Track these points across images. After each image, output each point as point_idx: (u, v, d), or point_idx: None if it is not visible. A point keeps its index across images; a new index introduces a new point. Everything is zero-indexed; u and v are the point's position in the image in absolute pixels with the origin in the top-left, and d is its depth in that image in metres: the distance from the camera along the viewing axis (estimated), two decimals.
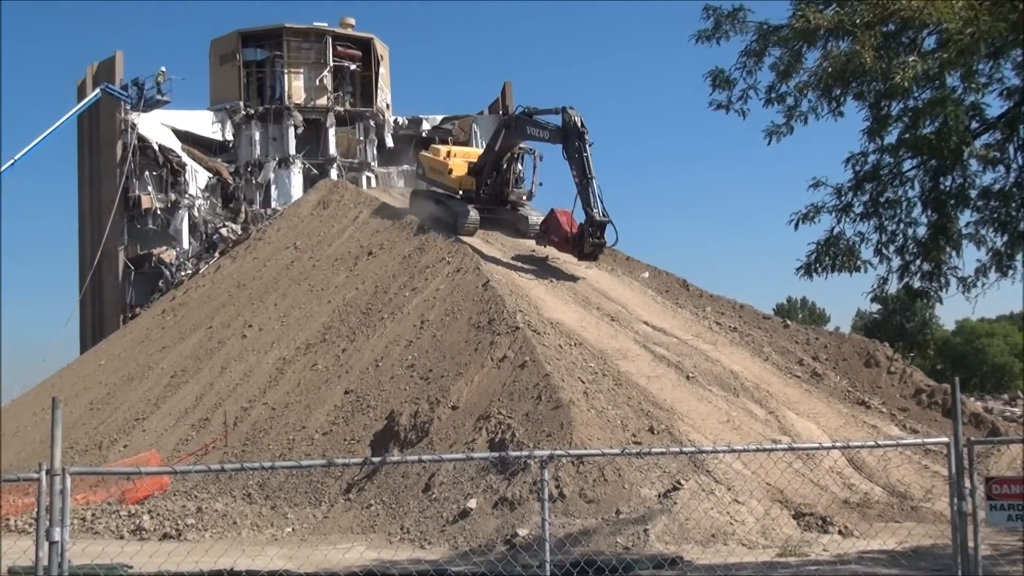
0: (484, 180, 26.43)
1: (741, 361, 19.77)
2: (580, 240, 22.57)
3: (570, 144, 22.28)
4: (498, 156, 25.90)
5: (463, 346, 18.84)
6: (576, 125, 22.30)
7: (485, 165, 26.31)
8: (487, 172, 26.33)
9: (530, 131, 24.10)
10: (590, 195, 21.95)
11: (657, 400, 16.64)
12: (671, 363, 18.57)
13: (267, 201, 39.40)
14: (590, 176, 21.93)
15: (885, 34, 9.86)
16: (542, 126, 23.60)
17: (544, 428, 14.87)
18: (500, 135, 25.41)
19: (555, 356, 17.27)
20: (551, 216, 24.24)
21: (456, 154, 27.86)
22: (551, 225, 24.09)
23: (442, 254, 24.18)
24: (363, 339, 21.53)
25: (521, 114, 24.54)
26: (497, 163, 26.14)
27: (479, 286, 21.20)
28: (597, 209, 22.04)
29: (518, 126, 24.55)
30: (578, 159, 22.08)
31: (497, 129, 25.93)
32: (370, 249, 27.07)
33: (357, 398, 18.95)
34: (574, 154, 22.18)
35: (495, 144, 25.79)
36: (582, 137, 22.15)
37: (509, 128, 25.02)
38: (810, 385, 19.35)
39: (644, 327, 20.88)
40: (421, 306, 21.71)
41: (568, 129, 22.44)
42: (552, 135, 23.16)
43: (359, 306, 23.42)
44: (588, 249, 22.60)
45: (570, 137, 22.32)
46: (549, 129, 23.31)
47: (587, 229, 22.23)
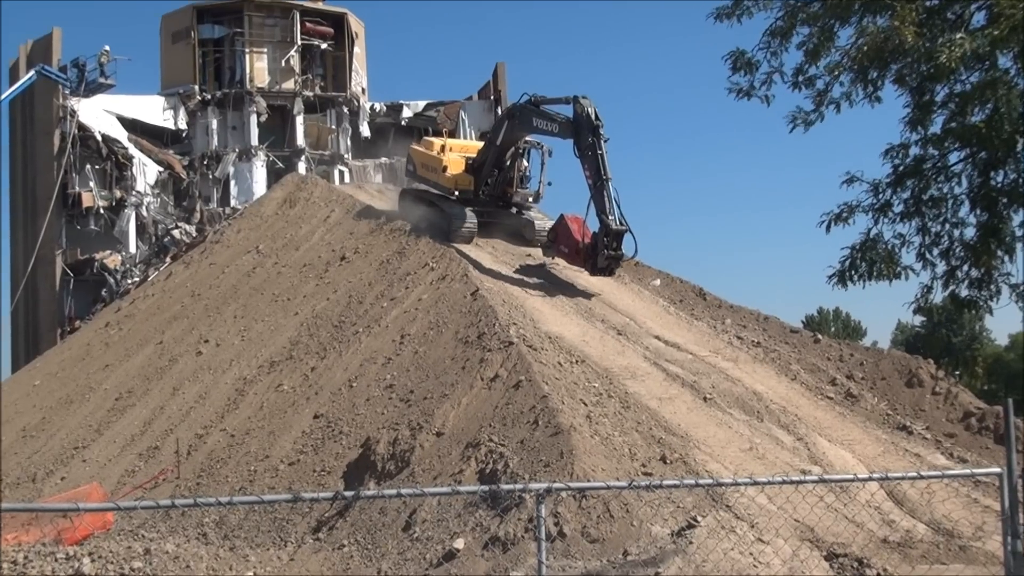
0: (484, 179, 26.26)
1: (765, 381, 19.77)
2: (593, 252, 22.22)
3: (582, 139, 21.96)
4: (500, 151, 25.71)
5: (449, 364, 18.82)
6: (590, 117, 21.96)
7: (485, 162, 26.10)
8: (487, 170, 26.15)
9: (537, 123, 23.76)
10: (605, 199, 21.60)
11: (670, 425, 16.62)
12: (686, 383, 18.56)
13: (226, 199, 39.41)
14: (606, 177, 21.58)
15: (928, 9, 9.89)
16: (551, 117, 23.28)
17: (541, 457, 14.83)
18: (502, 127, 25.19)
19: (554, 375, 17.25)
20: (560, 223, 23.92)
21: (452, 148, 27.67)
22: (560, 233, 23.79)
23: (425, 259, 24.18)
24: (335, 356, 21.50)
25: (527, 103, 24.13)
26: (499, 159, 25.97)
27: (467, 295, 21.20)
28: (613, 216, 21.68)
29: (523, 117, 24.23)
30: (591, 157, 21.73)
31: (499, 120, 25.69)
32: (343, 254, 27.05)
33: (328, 423, 18.90)
34: (587, 151, 21.82)
35: (496, 138, 25.54)
36: (596, 131, 21.81)
37: (513, 119, 24.74)
38: (844, 408, 19.36)
39: (655, 342, 20.88)
40: (401, 318, 21.69)
41: (580, 121, 22.14)
42: (562, 128, 22.87)
43: (330, 319, 23.39)
44: (602, 263, 22.19)
45: (582, 131, 22.01)
46: (558, 121, 23.01)
47: (601, 239, 21.89)
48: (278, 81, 40.96)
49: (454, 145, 28.31)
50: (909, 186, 10.58)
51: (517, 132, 24.99)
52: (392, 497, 11.70)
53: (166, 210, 38.71)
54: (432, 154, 27.56)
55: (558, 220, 24.16)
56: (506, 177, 26.44)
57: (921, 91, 10.24)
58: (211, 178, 39.50)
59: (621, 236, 21.91)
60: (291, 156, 40.37)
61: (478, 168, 26.36)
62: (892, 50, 9.66)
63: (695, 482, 7.47)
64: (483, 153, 26.39)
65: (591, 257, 22.37)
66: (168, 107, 39.76)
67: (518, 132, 25.00)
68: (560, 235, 23.77)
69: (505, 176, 26.41)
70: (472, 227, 25.33)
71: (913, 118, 10.33)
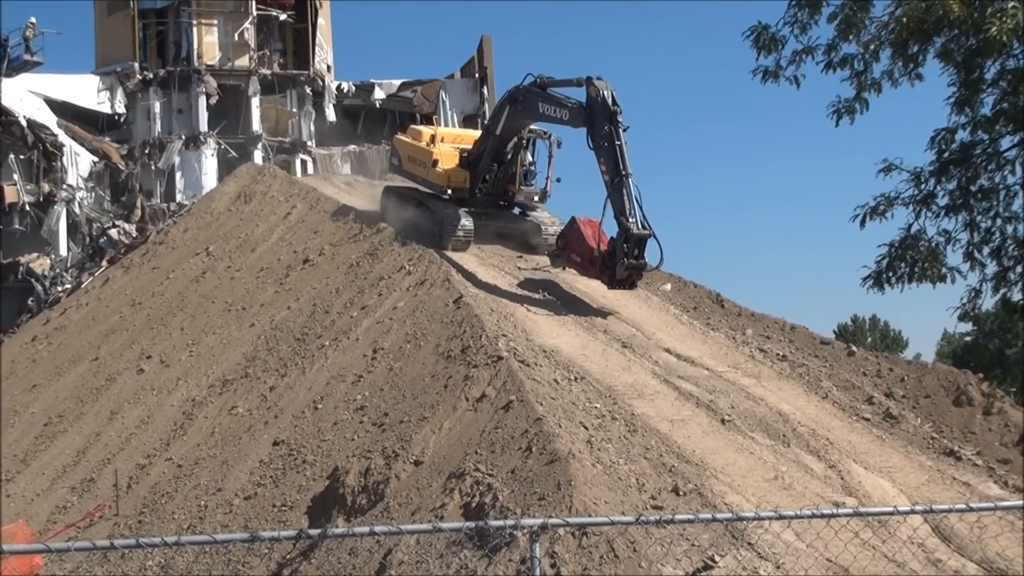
0: (481, 175, 26.06)
1: (792, 399, 19.81)
2: (611, 261, 21.68)
3: (597, 128, 21.58)
4: (500, 143, 25.48)
5: (429, 382, 18.80)
6: (605, 102, 21.60)
7: (483, 154, 25.82)
8: (485, 164, 25.92)
9: (543, 109, 23.37)
10: (625, 199, 21.16)
11: (683, 451, 16.63)
12: (701, 403, 18.58)
13: (171, 193, 39.38)
14: (625, 173, 21.18)
15: None
16: (560, 103, 22.89)
17: (535, 489, 14.82)
18: (503, 114, 24.86)
19: (549, 394, 17.25)
20: (572, 227, 23.43)
21: (444, 139, 27.41)
22: (572, 239, 23.28)
23: (400, 262, 24.18)
24: (297, 374, 21.49)
25: (532, 86, 23.77)
26: (499, 152, 25.77)
27: (449, 303, 21.23)
28: (635, 218, 21.20)
29: (528, 102, 23.84)
30: (608, 149, 21.36)
31: (499, 106, 25.33)
32: (306, 256, 27.03)
33: (290, 451, 18.88)
34: (603, 142, 21.43)
35: (496, 126, 25.25)
36: (614, 118, 21.44)
37: (515, 104, 24.31)
38: (883, 431, 19.38)
39: (665, 356, 20.92)
40: (373, 330, 21.68)
41: (595, 107, 21.77)
42: (573, 115, 22.49)
43: (292, 331, 23.39)
44: (622, 274, 21.64)
45: (597, 118, 21.63)
46: (569, 107, 22.60)
47: (621, 246, 21.36)
48: (230, 57, 40.94)
49: (446, 135, 28.09)
50: (955, 175, 10.62)
51: (520, 120, 24.66)
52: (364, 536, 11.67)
53: (102, 206, 38.65)
54: (420, 146, 27.28)
55: (569, 223, 23.73)
56: (507, 173, 26.23)
57: (969, 68, 10.28)
58: (154, 169, 39.44)
59: (644, 242, 21.39)
60: (246, 144, 40.34)
61: (475, 162, 26.11)
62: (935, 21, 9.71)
63: (712, 516, 7.46)
64: (480, 145, 26.07)
65: (608, 267, 21.84)
66: (104, 88, 39.72)
67: (521, 120, 24.67)
68: (571, 241, 23.29)
69: (506, 171, 26.20)
70: (468, 232, 25.15)
71: (960, 98, 10.37)
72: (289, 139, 41.36)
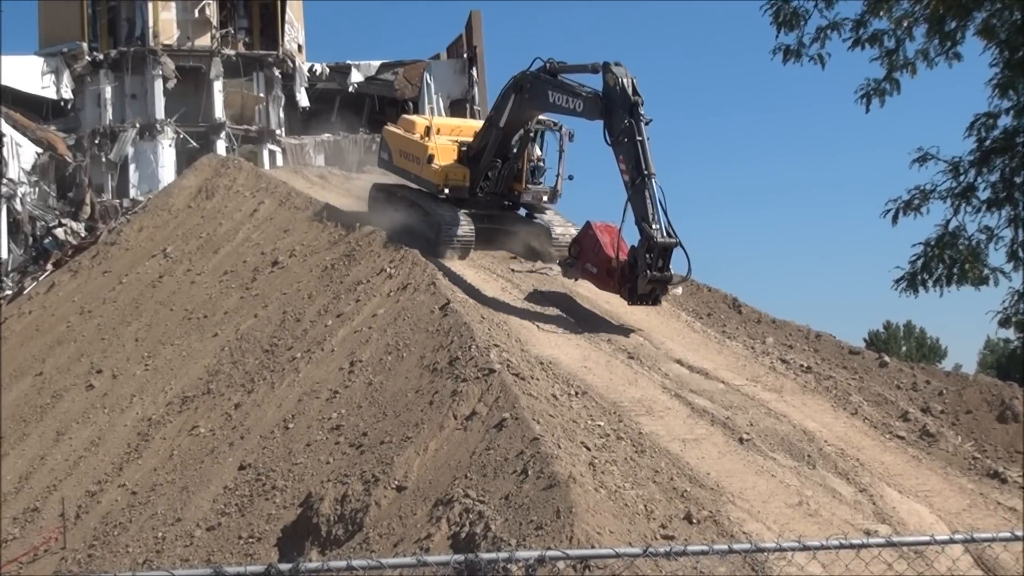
0: (483, 171, 25.97)
1: (818, 416, 19.83)
2: (632, 273, 21.51)
3: (616, 120, 21.51)
4: (505, 135, 25.39)
5: (412, 398, 18.79)
6: (625, 91, 21.47)
7: (485, 149, 25.72)
8: (487, 159, 25.83)
9: (554, 98, 23.22)
10: (647, 202, 20.97)
11: (696, 474, 16.64)
12: (716, 420, 18.59)
13: (124, 188, 39.36)
14: (648, 172, 21.00)
15: None
16: (573, 91, 22.76)
17: (532, 517, 14.82)
18: (508, 103, 24.65)
19: (547, 411, 17.25)
20: (587, 233, 23.16)
21: (440, 130, 27.25)
22: (586, 247, 22.99)
23: (381, 263, 24.18)
24: (266, 390, 21.47)
25: (540, 71, 23.61)
26: (503, 146, 25.66)
27: (434, 310, 21.22)
28: (659, 225, 21.00)
29: (536, 89, 23.65)
30: (628, 145, 21.24)
31: (504, 94, 24.96)
32: (275, 257, 27.03)
33: (257, 476, 18.86)
34: (622, 137, 21.34)
35: (499, 117, 25.09)
36: (634, 110, 21.29)
37: (522, 92, 24.11)
38: (919, 450, 19.40)
39: (676, 367, 20.94)
40: (350, 340, 21.68)
41: (613, 97, 21.66)
42: (588, 105, 22.34)
43: (260, 341, 23.39)
44: (644, 287, 21.41)
45: (615, 110, 21.55)
46: (583, 96, 22.46)
47: (643, 255, 21.14)
48: (190, 37, 40.94)
49: (443, 126, 27.89)
50: (998, 166, 10.63)
51: (527, 110, 24.57)
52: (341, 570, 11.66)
53: (47, 203, 38.60)
54: (414, 139, 27.10)
55: (583, 229, 23.48)
56: (512, 169, 26.15)
57: (1013, 46, 10.30)
58: (105, 161, 39.42)
59: (669, 252, 21.19)
60: (208, 133, 40.35)
61: (476, 157, 25.98)
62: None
63: (729, 547, 7.47)
64: (482, 138, 25.90)
65: (628, 280, 21.67)
66: (48, 71, 39.67)
67: (529, 110, 24.58)
68: (586, 249, 22.99)
69: (511, 168, 26.12)
70: (468, 236, 25.04)
71: (1003, 80, 10.38)
72: (256, 127, 41.35)
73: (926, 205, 10.60)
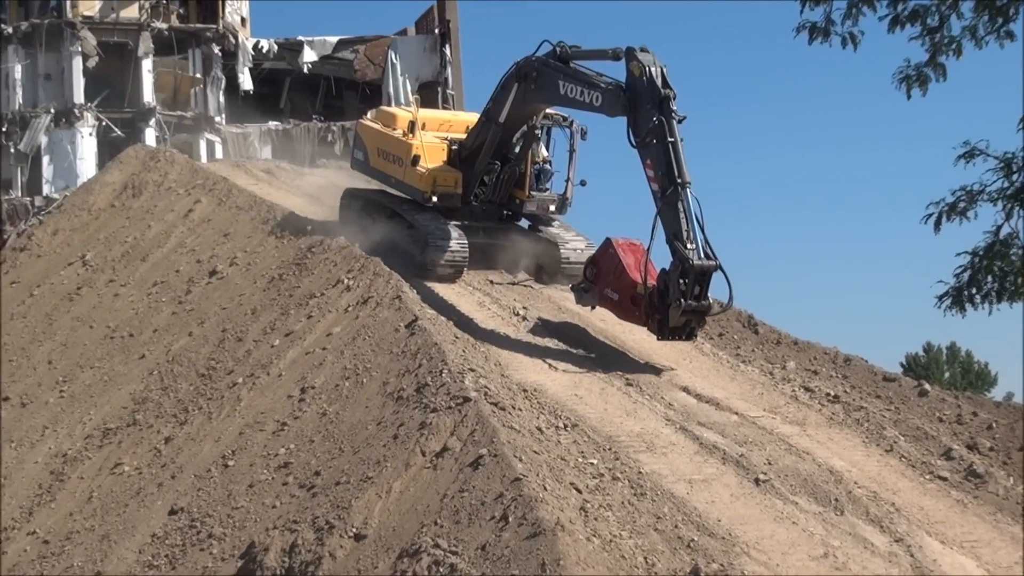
0: (478, 176, 25.62)
1: (847, 453, 19.84)
2: (662, 302, 20.87)
3: (642, 119, 20.88)
4: (505, 133, 25.00)
5: (374, 431, 18.73)
6: (653, 83, 20.86)
7: (481, 148, 25.30)
8: (484, 160, 25.42)
9: (566, 88, 22.62)
10: (681, 217, 20.41)
11: (705, 521, 16.65)
12: (728, 458, 18.60)
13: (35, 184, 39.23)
14: (681, 181, 20.39)
15: None
16: (590, 82, 22.18)
17: (513, 570, 14.81)
18: (509, 94, 24.11)
19: (531, 447, 17.21)
20: (608, 252, 22.51)
21: (427, 125, 26.71)
22: (607, 269, 22.36)
23: (337, 274, 24.14)
24: (201, 420, 21.40)
25: (550, 56, 23.14)
26: (503, 145, 25.32)
27: (399, 328, 21.17)
28: (695, 245, 20.44)
29: (545, 79, 23.14)
30: (658, 148, 20.59)
31: (504, 83, 24.38)
32: (214, 266, 27.00)
33: (191, 522, 18.79)
34: (649, 138, 20.72)
35: (499, 111, 24.53)
36: (665, 106, 20.68)
37: (527, 82, 23.58)
38: (964, 493, 19.43)
39: (682, 396, 20.98)
40: (301, 363, 21.65)
41: (639, 90, 21.05)
42: (608, 99, 21.77)
43: (195, 364, 23.34)
44: (677, 319, 20.77)
45: (642, 105, 20.93)
46: (603, 88, 21.88)
47: (675, 281, 20.52)
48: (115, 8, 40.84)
49: (430, 120, 27.32)
50: None
51: (533, 103, 24.15)
52: None
53: None
54: (395, 136, 26.62)
55: (603, 247, 22.90)
56: (514, 173, 25.84)
57: None
58: (13, 152, 39.29)
59: (708, 276, 20.64)
60: (135, 119, 40.29)
61: (470, 158, 25.59)
62: None
63: None
64: (478, 135, 25.45)
65: (658, 310, 21.05)
66: None
67: (535, 103, 24.18)
68: (606, 271, 22.38)
69: (512, 172, 25.80)
70: (460, 254, 24.66)
71: None
72: (191, 114, 41.30)
73: (974, 208, 10.63)
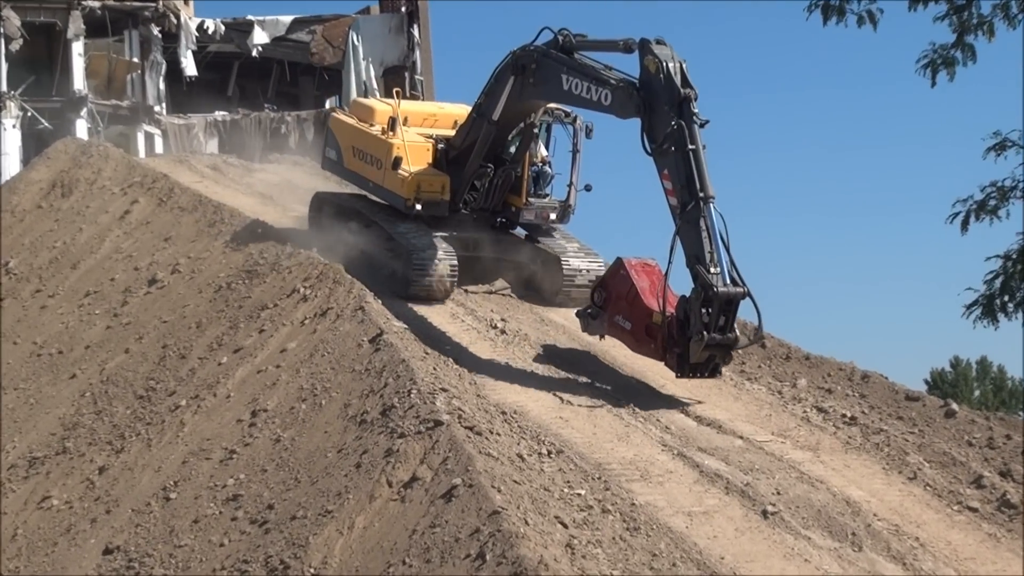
0: (468, 179, 25.44)
1: (866, 481, 19.90)
2: (683, 334, 20.63)
3: (659, 122, 20.54)
4: (499, 131, 24.78)
5: (334, 460, 18.76)
6: (671, 81, 20.54)
7: (473, 147, 25.15)
8: (475, 162, 25.24)
9: (570, 84, 22.37)
10: (704, 237, 20.12)
11: (707, 558, 16.68)
12: (732, 487, 18.63)
13: None
14: (704, 196, 20.06)
15: None
16: (598, 77, 21.91)
17: None
18: (504, 88, 23.92)
19: (511, 476, 17.21)
20: (618, 274, 22.15)
21: (409, 120, 26.55)
22: (617, 293, 22.00)
23: (292, 282, 24.17)
24: (140, 448, 21.41)
25: (551, 46, 22.93)
26: (497, 145, 25.13)
27: (363, 343, 21.22)
28: (719, 269, 20.14)
29: (545, 72, 22.89)
30: (676, 157, 20.27)
31: (498, 74, 24.18)
32: (154, 274, 27.00)
33: (129, 562, 18.77)
34: (666, 145, 20.37)
35: (492, 107, 24.29)
36: (685, 107, 20.36)
37: (524, 73, 23.33)
38: (997, 525, 19.46)
39: (680, 418, 21.03)
40: (252, 383, 21.67)
41: (655, 89, 20.72)
42: (619, 98, 21.45)
43: (132, 384, 23.34)
44: (699, 355, 20.44)
45: (658, 106, 20.63)
46: (612, 85, 21.58)
47: (697, 311, 20.27)
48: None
49: (413, 114, 27.16)
50: None
51: (531, 99, 23.94)
52: None
53: None
54: (372, 133, 26.44)
55: (613, 268, 22.53)
56: (509, 177, 25.64)
57: None
58: None
59: (735, 306, 20.43)
60: (64, 109, 40.22)
61: (459, 159, 25.44)
62: None
63: None
64: (468, 133, 25.28)
65: (677, 343, 20.81)
66: None
67: (533, 99, 23.97)
68: (615, 296, 22.02)
69: (508, 175, 25.60)
70: (449, 271, 24.49)
71: None
72: (128, 103, 41.20)
73: (1005, 206, 10.67)
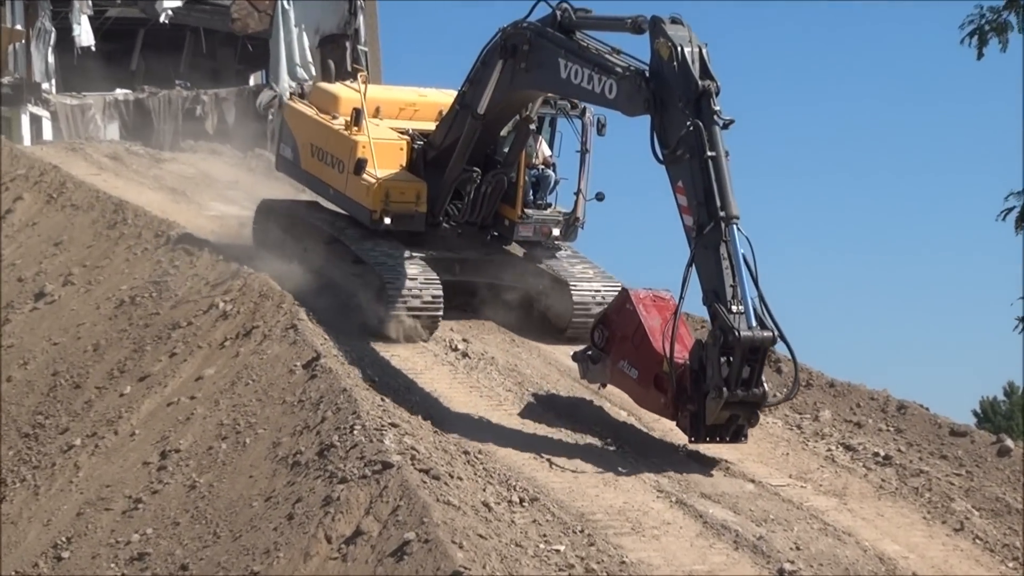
0: (450, 185, 25.32)
1: (903, 534, 19.98)
2: (698, 387, 20.28)
3: (671, 121, 20.49)
4: (488, 127, 24.72)
5: (261, 510, 18.83)
6: (687, 70, 20.41)
7: (456, 147, 25.04)
8: (458, 165, 25.10)
9: (569, 70, 22.31)
10: (724, 268, 19.80)
11: None
12: (742, 541, 18.68)
13: None
14: (726, 215, 19.81)
15: None
16: (603, 64, 21.85)
17: None
18: (492, 73, 23.86)
19: (476, 529, 17.24)
20: (623, 310, 21.90)
21: (382, 109, 26.52)
22: (620, 332, 21.74)
23: (209, 295, 24.30)
24: (26, 497, 21.53)
25: (547, 23, 22.83)
26: (484, 142, 25.05)
27: (296, 369, 21.36)
28: (743, 307, 19.73)
29: (540, 55, 22.88)
30: (693, 168, 20.08)
31: (484, 57, 24.22)
32: (41, 286, 27.17)
33: None
34: (682, 152, 20.21)
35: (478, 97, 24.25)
36: (704, 103, 20.26)
37: (515, 56, 23.30)
38: None
39: (679, 458, 21.19)
40: (162, 419, 21.75)
41: (668, 79, 20.65)
42: (626, 89, 21.33)
43: (16, 420, 23.47)
44: (718, 416, 20.03)
45: (671, 101, 20.56)
46: (619, 73, 21.48)
47: (716, 360, 19.87)
48: None
49: (387, 103, 27.02)
50: None
51: (524, 88, 23.90)
52: None
53: None
54: (334, 127, 26.31)
55: (617, 303, 22.34)
56: (501, 184, 25.55)
57: None
58: None
59: (762, 353, 20.04)
60: None
61: (439, 161, 25.35)
62: None
63: None
64: (450, 128, 25.18)
65: (691, 398, 20.43)
66: None
67: (525, 87, 23.92)
68: (619, 336, 21.77)
69: (499, 181, 25.53)
70: (432, 302, 24.20)
71: None
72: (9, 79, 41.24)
73: None
